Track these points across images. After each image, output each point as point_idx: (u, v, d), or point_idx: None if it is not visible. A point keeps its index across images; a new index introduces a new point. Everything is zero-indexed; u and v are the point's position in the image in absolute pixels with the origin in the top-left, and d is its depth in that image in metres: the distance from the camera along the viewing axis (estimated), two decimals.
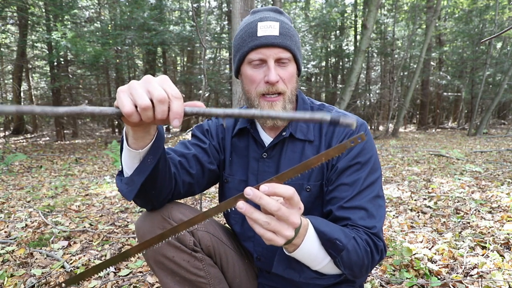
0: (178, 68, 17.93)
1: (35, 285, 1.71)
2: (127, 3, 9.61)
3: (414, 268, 1.79)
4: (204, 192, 3.54)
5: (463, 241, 2.12)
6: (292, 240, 0.74)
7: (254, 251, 1.09)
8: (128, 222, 2.71)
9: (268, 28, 0.94)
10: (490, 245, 2.03)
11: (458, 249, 2.00)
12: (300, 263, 0.84)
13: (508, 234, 2.19)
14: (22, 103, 12.67)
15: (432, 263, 1.86)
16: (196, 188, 1.05)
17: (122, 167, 0.89)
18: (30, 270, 1.86)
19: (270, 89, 0.95)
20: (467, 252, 1.96)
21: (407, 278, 1.70)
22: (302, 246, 0.78)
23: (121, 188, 0.85)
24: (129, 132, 0.76)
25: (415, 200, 3.24)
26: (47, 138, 11.37)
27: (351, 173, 0.95)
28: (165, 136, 0.83)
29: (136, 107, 0.60)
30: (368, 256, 0.86)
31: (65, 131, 10.56)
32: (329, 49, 17.18)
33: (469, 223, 2.50)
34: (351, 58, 15.71)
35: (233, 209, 1.09)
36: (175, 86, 0.62)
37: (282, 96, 0.96)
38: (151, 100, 0.60)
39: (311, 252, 0.80)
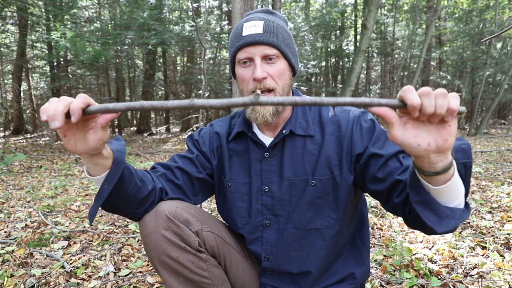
0: (178, 68, 17.93)
1: (35, 285, 1.71)
2: (127, 3, 9.60)
3: (414, 268, 1.79)
4: None
5: (463, 241, 2.12)
6: (452, 163, 0.68)
7: (263, 250, 1.09)
8: (128, 222, 2.71)
9: (252, 27, 0.97)
10: (490, 245, 2.03)
11: (458, 249, 2.00)
12: (446, 207, 0.74)
13: (508, 234, 2.19)
14: (22, 103, 12.67)
15: (432, 263, 1.86)
16: (190, 196, 1.09)
17: None
18: (30, 270, 1.86)
19: (258, 86, 0.96)
20: (467, 252, 1.96)
21: (407, 278, 1.70)
22: (454, 168, 0.71)
23: (89, 208, 0.89)
24: (83, 161, 0.83)
25: None
26: (47, 138, 11.36)
27: (382, 145, 0.96)
28: (124, 159, 0.86)
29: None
30: None
31: None
32: (329, 49, 17.18)
33: (469, 223, 2.49)
34: (351, 58, 15.71)
35: (240, 212, 1.09)
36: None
37: (272, 93, 0.97)
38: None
39: (457, 175, 0.72)
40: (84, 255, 2.07)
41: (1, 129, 12.28)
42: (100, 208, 0.89)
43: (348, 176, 1.01)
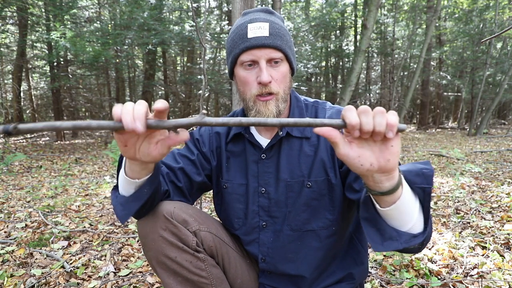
0: (178, 68, 17.92)
1: (35, 285, 1.71)
2: (127, 3, 9.59)
3: (414, 268, 1.79)
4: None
5: (463, 241, 2.12)
6: (399, 185, 0.69)
7: (259, 252, 1.09)
8: (128, 222, 2.71)
9: (258, 29, 0.95)
10: (490, 245, 2.03)
11: (458, 249, 2.00)
12: (393, 229, 0.75)
13: (508, 234, 2.19)
14: (22, 103, 12.67)
15: (432, 263, 1.86)
16: (188, 197, 1.09)
17: (117, 183, 0.91)
18: (30, 270, 1.86)
19: (263, 90, 0.95)
20: (467, 252, 1.96)
21: (407, 278, 1.70)
22: (404, 190, 0.71)
23: (115, 207, 0.87)
24: (127, 163, 0.82)
25: None
26: (47, 138, 11.36)
27: None
28: (161, 166, 0.87)
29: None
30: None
31: (65, 131, 10.56)
32: (329, 49, 17.18)
33: (469, 223, 2.49)
34: (351, 58, 15.71)
35: (236, 213, 1.09)
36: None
37: (274, 96, 0.97)
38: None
39: (409, 196, 0.72)
40: (84, 255, 2.07)
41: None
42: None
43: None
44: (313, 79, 18.73)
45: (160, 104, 0.61)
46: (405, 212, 0.72)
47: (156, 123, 0.62)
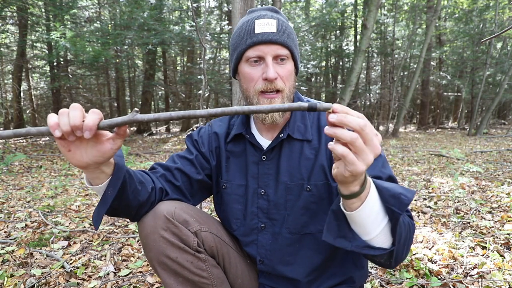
0: (178, 68, 17.93)
1: (35, 285, 1.71)
2: (127, 3, 9.60)
3: (414, 268, 1.79)
4: None
5: (463, 241, 2.12)
6: (361, 192, 0.71)
7: (257, 254, 1.08)
8: (128, 222, 2.71)
9: (265, 25, 0.94)
10: (490, 245, 2.03)
11: (458, 249, 2.00)
12: (352, 231, 0.78)
13: (508, 234, 2.19)
14: (22, 103, 12.67)
15: (432, 263, 1.86)
16: (189, 197, 1.09)
17: None
18: (30, 270, 1.86)
19: (268, 86, 0.95)
20: (467, 252, 1.96)
21: (407, 278, 1.70)
22: (367, 201, 0.73)
23: (93, 215, 0.89)
24: (84, 173, 0.83)
25: (415, 200, 3.24)
26: (47, 138, 11.35)
27: None
28: (124, 163, 0.87)
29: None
30: (410, 227, 0.84)
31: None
32: (329, 49, 17.18)
33: (469, 223, 2.50)
34: (351, 58, 15.71)
35: (235, 214, 1.09)
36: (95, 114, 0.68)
37: (280, 94, 0.96)
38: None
39: (372, 211, 0.74)
40: (84, 255, 2.07)
41: (1, 129, 12.28)
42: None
43: None
44: (313, 79, 18.73)
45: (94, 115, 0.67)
46: (366, 222, 0.75)
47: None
